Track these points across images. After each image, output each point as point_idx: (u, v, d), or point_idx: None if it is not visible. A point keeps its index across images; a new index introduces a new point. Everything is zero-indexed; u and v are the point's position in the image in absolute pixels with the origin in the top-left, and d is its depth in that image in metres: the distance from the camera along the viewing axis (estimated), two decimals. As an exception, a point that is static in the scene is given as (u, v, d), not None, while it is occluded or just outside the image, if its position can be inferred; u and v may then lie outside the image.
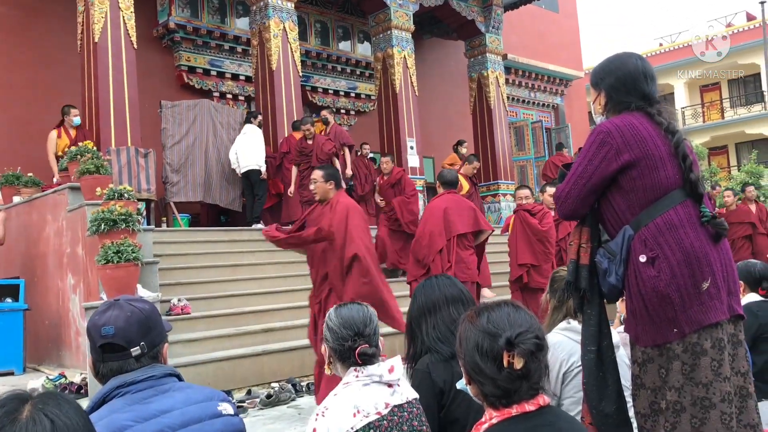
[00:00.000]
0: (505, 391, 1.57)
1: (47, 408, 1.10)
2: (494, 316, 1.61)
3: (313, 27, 14.00)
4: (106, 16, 8.87)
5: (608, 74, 2.50)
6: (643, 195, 2.31)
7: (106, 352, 1.88)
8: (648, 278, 2.24)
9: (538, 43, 18.77)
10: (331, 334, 2.22)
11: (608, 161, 2.33)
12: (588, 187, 2.37)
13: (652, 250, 2.26)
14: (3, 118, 10.29)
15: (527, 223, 7.15)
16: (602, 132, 2.35)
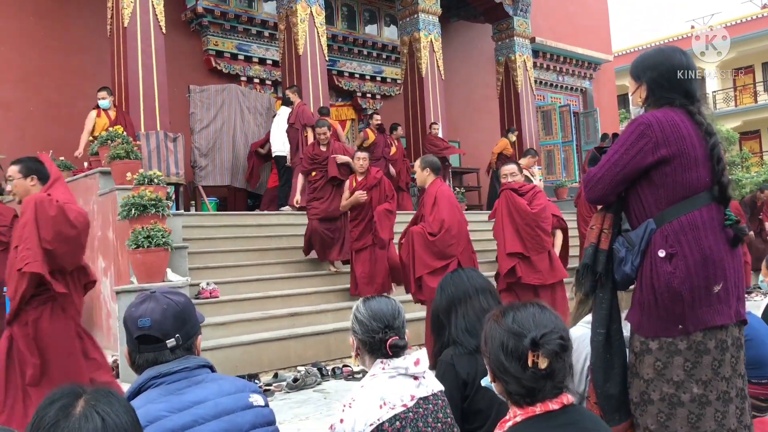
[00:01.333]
0: (529, 390, 1.61)
1: (99, 405, 1.16)
2: (520, 316, 1.65)
3: (340, 11, 13.98)
4: (135, 2, 8.95)
5: (651, 68, 2.48)
6: (673, 192, 2.34)
7: (142, 343, 1.95)
8: (664, 273, 2.29)
9: (566, 25, 18.53)
10: (360, 326, 2.26)
11: (645, 153, 2.34)
12: (621, 176, 2.39)
13: (672, 247, 2.30)
14: (35, 102, 10.47)
15: (514, 204, 6.04)
16: (643, 123, 2.36)
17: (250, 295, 7.01)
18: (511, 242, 5.97)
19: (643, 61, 2.53)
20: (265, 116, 10.79)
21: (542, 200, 6.16)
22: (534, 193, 6.17)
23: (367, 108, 14.67)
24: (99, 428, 1.13)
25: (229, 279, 7.18)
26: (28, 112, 10.44)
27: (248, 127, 10.48)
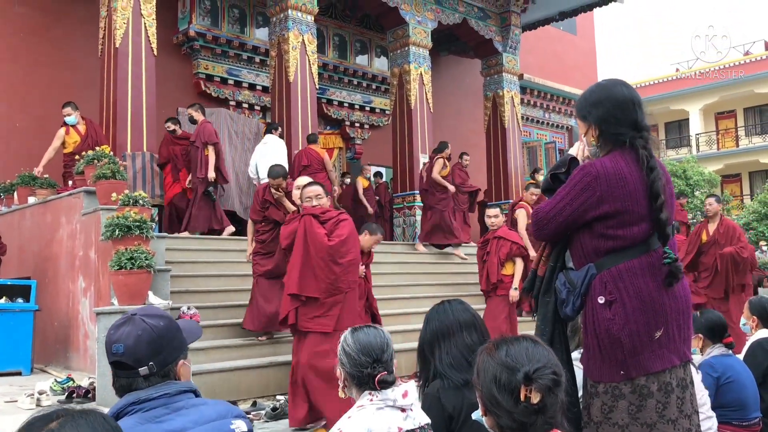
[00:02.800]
0: (520, 425, 1.59)
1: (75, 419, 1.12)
2: (513, 350, 1.63)
3: (332, 40, 14.09)
4: (128, 22, 8.97)
5: (595, 106, 2.46)
6: (613, 243, 2.36)
7: (116, 368, 1.89)
8: (603, 320, 2.31)
9: (554, 63, 18.82)
10: (348, 359, 2.22)
11: (587, 207, 2.36)
12: (564, 225, 2.43)
13: (610, 294, 2.32)
14: (21, 118, 10.40)
15: (311, 233, 5.17)
16: (589, 174, 2.36)
17: (230, 321, 6.92)
18: (303, 281, 5.11)
19: (587, 99, 2.50)
20: (252, 141, 10.78)
21: (345, 230, 5.24)
22: (337, 221, 5.29)
23: (355, 137, 14.73)
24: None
25: (210, 304, 7.10)
26: (14, 129, 10.37)
27: (236, 151, 10.47)
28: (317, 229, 5.19)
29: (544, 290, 2.54)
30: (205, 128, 8.97)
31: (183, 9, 12.10)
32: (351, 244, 5.26)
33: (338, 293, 5.13)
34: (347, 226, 5.30)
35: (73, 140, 8.88)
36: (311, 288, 5.09)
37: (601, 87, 2.51)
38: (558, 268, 2.53)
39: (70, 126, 8.91)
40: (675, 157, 27.57)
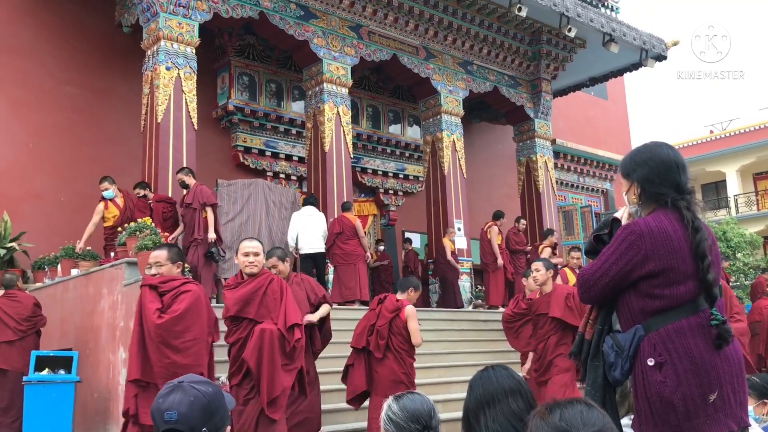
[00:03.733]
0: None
1: None
2: (567, 414, 1.59)
3: (365, 111, 14.40)
4: (169, 99, 9.32)
5: (640, 165, 2.48)
6: (660, 302, 2.32)
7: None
8: (654, 383, 2.25)
9: (587, 128, 18.91)
10: (396, 428, 2.18)
11: (632, 266, 2.34)
12: (610, 286, 2.41)
13: (660, 356, 2.27)
14: (67, 193, 10.73)
15: (143, 308, 4.60)
16: (634, 233, 2.35)
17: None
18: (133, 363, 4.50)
19: (632, 159, 2.53)
20: (290, 210, 10.94)
21: (183, 304, 4.47)
22: (177, 293, 4.54)
23: (389, 204, 14.84)
24: None
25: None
26: (59, 203, 10.69)
27: (273, 220, 10.62)
28: (149, 303, 4.55)
29: (592, 354, 2.49)
30: (202, 190, 8.70)
31: (222, 85, 12.53)
32: (191, 320, 4.47)
33: None
34: (188, 299, 4.50)
35: (112, 214, 9.11)
36: (148, 372, 4.43)
37: (647, 147, 2.54)
38: (605, 331, 2.49)
39: (109, 200, 9.16)
40: (714, 219, 27.13)
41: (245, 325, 5.09)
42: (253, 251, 5.14)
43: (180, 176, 8.95)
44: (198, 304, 4.74)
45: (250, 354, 4.87)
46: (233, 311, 5.09)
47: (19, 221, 9.99)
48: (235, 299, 5.09)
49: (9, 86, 10.67)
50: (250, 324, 5.05)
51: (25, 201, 10.47)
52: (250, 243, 5.23)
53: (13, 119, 10.64)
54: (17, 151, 10.58)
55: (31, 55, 10.91)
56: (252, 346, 4.89)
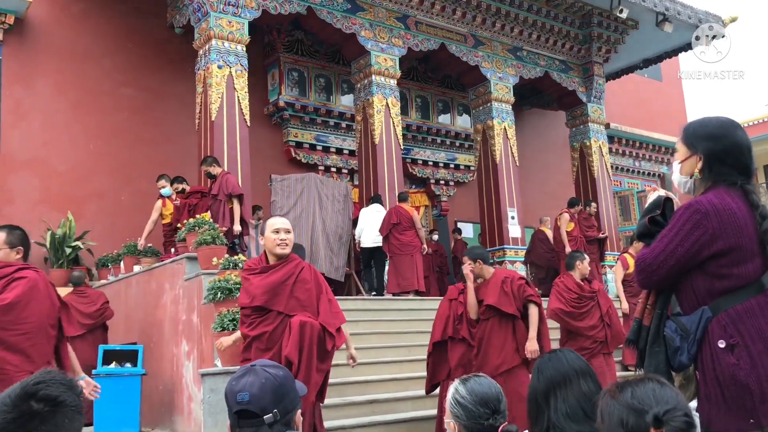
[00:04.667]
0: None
1: None
2: (639, 392, 1.57)
3: (414, 101, 14.38)
4: (222, 97, 9.48)
5: (711, 140, 2.37)
6: (728, 282, 2.24)
7: (241, 418, 1.93)
8: (727, 365, 2.17)
9: (641, 111, 18.47)
10: (465, 411, 2.16)
11: (700, 247, 2.25)
12: (675, 269, 2.31)
13: (732, 337, 2.18)
14: (127, 192, 11.04)
15: None
16: (699, 212, 2.26)
17: (328, 380, 6.94)
18: None
19: (703, 129, 2.41)
20: (342, 203, 11.02)
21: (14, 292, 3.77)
22: (10, 279, 3.84)
23: (440, 194, 14.80)
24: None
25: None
26: (120, 202, 11.00)
27: (326, 213, 10.71)
28: None
29: (651, 341, 2.39)
30: (228, 180, 8.43)
31: (273, 81, 12.68)
32: (22, 311, 3.75)
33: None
34: (21, 287, 3.79)
35: (169, 211, 9.35)
36: None
37: (721, 124, 2.42)
38: (665, 315, 2.42)
39: (166, 197, 9.39)
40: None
41: (273, 317, 4.42)
42: (284, 228, 4.53)
43: (204, 168, 8.72)
44: (34, 293, 3.84)
45: (291, 350, 4.23)
46: (261, 301, 4.39)
47: (82, 221, 10.33)
48: (264, 287, 4.40)
49: (69, 90, 11.02)
50: (280, 316, 4.40)
51: (87, 201, 10.82)
52: (280, 219, 4.65)
53: (74, 122, 10.99)
54: (79, 152, 10.93)
55: (89, 59, 11.25)
56: (293, 341, 4.26)
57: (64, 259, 9.77)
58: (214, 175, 8.56)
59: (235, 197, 8.36)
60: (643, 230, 2.51)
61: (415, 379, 7.31)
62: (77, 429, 1.68)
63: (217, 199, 8.40)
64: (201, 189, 9.01)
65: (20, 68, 10.68)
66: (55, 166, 10.73)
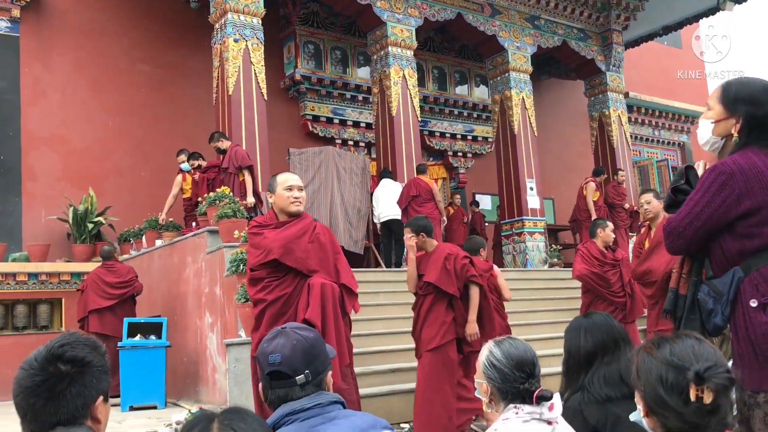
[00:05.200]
0: (692, 426, 1.51)
1: (234, 423, 1.17)
2: (678, 348, 1.56)
3: (431, 73, 14.27)
4: (239, 71, 9.46)
5: (754, 104, 2.32)
6: (758, 241, 2.23)
7: (273, 379, 1.97)
8: (759, 324, 2.17)
9: (661, 80, 18.21)
10: (500, 374, 2.16)
11: (727, 207, 2.23)
12: (703, 230, 2.30)
13: (764, 296, 2.18)
14: (146, 168, 11.12)
15: None
16: (725, 173, 2.24)
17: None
18: None
19: (745, 91, 2.35)
20: (360, 176, 11.03)
21: None
22: None
23: (458, 167, 14.75)
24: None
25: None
26: (139, 178, 11.08)
27: (344, 186, 10.73)
28: None
29: (689, 309, 2.39)
30: (237, 152, 8.33)
31: (288, 54, 12.64)
32: None
33: None
34: None
35: (189, 186, 9.42)
36: None
37: (765, 87, 2.36)
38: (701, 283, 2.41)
39: (186, 172, 9.45)
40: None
41: (290, 279, 4.10)
42: (297, 185, 4.22)
43: (213, 145, 8.71)
44: None
45: (314, 312, 3.93)
46: (277, 254, 4.03)
47: (103, 197, 10.43)
48: (281, 240, 4.06)
49: (87, 67, 11.06)
50: (297, 277, 4.09)
51: (107, 177, 10.91)
52: (293, 176, 4.35)
53: (92, 99, 11.04)
54: (97, 129, 11.00)
55: (105, 36, 11.27)
56: (314, 303, 3.96)
57: (86, 235, 9.89)
58: (224, 150, 8.57)
59: (245, 169, 8.31)
60: (669, 201, 2.52)
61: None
62: (104, 389, 1.72)
63: (228, 173, 8.39)
64: (217, 163, 9.01)
65: (38, 46, 10.72)
66: (74, 144, 10.81)
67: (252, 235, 4.23)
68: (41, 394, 1.60)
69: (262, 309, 4.13)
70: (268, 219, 4.28)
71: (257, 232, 4.19)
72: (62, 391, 1.61)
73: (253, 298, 4.20)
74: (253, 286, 4.19)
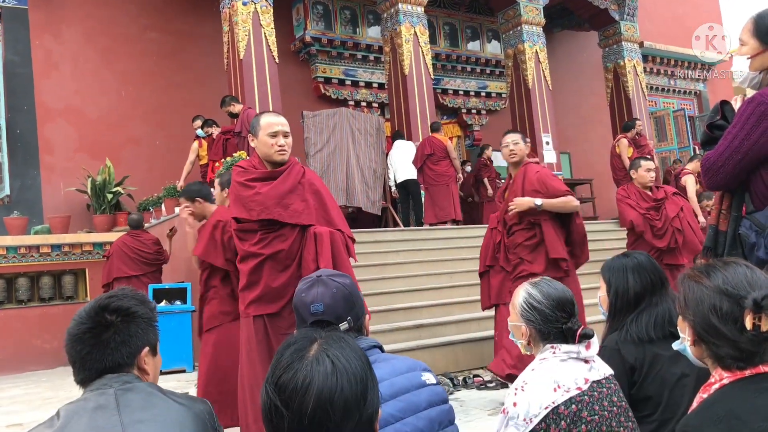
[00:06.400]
0: (747, 354, 1.50)
1: (330, 350, 1.18)
2: (731, 276, 1.54)
3: (442, 29, 14.09)
4: (249, 34, 9.37)
5: None
6: None
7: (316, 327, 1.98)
8: None
9: (675, 28, 17.85)
10: (540, 315, 2.14)
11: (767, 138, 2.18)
12: (744, 163, 2.25)
13: None
14: (162, 136, 11.12)
15: None
16: (764, 103, 2.19)
17: (373, 308, 7.05)
18: None
19: None
20: (374, 136, 10.96)
21: None
22: None
23: (472, 124, 14.64)
24: (329, 372, 1.14)
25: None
26: (155, 146, 11.10)
27: (359, 147, 10.68)
28: None
29: (729, 245, 2.35)
30: (249, 114, 7.90)
31: (297, 16, 12.50)
32: None
33: None
34: None
35: (206, 152, 9.43)
36: None
37: None
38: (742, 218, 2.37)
39: (202, 138, 9.45)
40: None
41: (288, 231, 3.59)
42: (283, 130, 3.65)
43: (225, 109, 8.55)
44: None
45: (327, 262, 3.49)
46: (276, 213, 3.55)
47: (120, 167, 10.47)
48: (276, 197, 3.57)
49: (97, 36, 11.01)
50: (296, 228, 3.59)
51: (123, 147, 10.94)
52: (278, 118, 3.72)
53: (104, 68, 11.01)
54: (111, 99, 10.99)
55: (114, 5, 11.19)
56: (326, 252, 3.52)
57: (106, 205, 9.96)
58: (236, 114, 8.49)
59: None
60: (705, 138, 2.46)
61: (458, 304, 7.41)
62: (151, 340, 1.75)
63: (242, 136, 8.25)
64: (232, 128, 8.99)
65: (47, 18, 10.67)
66: (89, 114, 10.82)
67: (242, 186, 3.66)
68: (87, 341, 1.65)
69: (258, 263, 3.59)
70: (256, 165, 3.75)
71: (248, 185, 3.66)
72: (107, 339, 1.65)
73: (245, 251, 3.63)
74: (245, 240, 3.64)
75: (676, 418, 2.29)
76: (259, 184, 3.63)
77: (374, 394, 1.20)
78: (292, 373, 1.15)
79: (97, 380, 1.64)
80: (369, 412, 1.18)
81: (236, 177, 3.70)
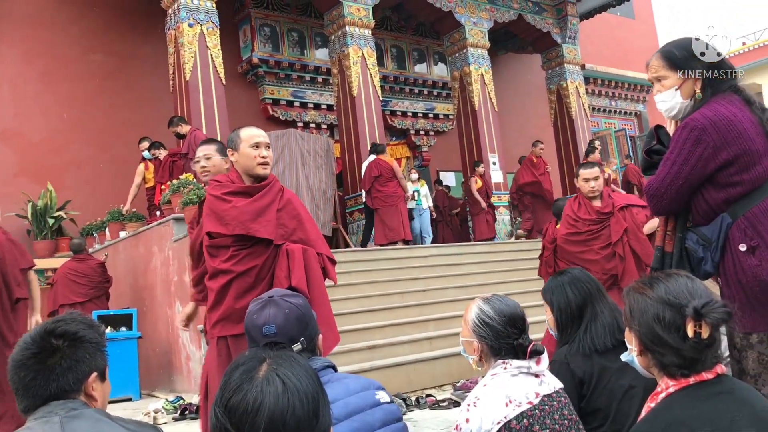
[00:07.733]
0: (690, 361, 1.55)
1: (280, 369, 1.16)
2: (672, 287, 1.59)
3: (390, 52, 14.23)
4: (195, 56, 9.30)
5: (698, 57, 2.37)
6: (741, 188, 2.26)
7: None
8: (749, 267, 2.21)
9: (615, 50, 18.46)
10: (492, 331, 2.15)
11: (705, 161, 2.26)
12: (685, 188, 2.32)
13: (752, 239, 2.22)
14: (105, 158, 10.89)
15: None
16: (696, 128, 2.26)
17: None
18: None
19: (685, 50, 2.39)
20: (324, 158, 10.96)
21: None
22: None
23: (421, 145, 14.78)
24: (280, 392, 1.12)
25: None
26: (99, 170, 10.86)
27: (309, 169, 10.65)
28: None
29: (676, 265, 2.40)
30: (197, 136, 7.85)
31: (244, 38, 12.46)
32: None
33: None
34: None
35: (152, 174, 9.27)
36: None
37: (687, 39, 2.43)
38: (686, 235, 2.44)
39: (148, 160, 9.30)
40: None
41: (262, 248, 3.43)
42: (265, 141, 3.52)
43: (172, 129, 8.49)
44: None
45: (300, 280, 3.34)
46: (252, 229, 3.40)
47: (62, 191, 10.19)
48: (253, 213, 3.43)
49: (37, 59, 10.75)
50: (270, 246, 3.44)
51: (65, 171, 10.66)
52: (259, 131, 3.60)
53: (45, 91, 10.75)
54: (52, 122, 10.72)
55: (55, 26, 10.96)
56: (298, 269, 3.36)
57: (47, 230, 9.67)
58: (183, 135, 8.43)
59: None
60: (645, 164, 2.52)
61: (410, 324, 7.42)
62: (100, 366, 1.70)
63: (188, 158, 7.97)
64: (179, 151, 8.86)
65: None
66: (29, 137, 10.53)
67: (217, 200, 3.51)
68: (31, 367, 1.59)
69: (227, 281, 3.44)
70: (234, 180, 3.60)
71: (224, 198, 3.51)
72: (53, 364, 1.60)
73: (215, 268, 3.47)
74: (216, 256, 3.48)
75: (624, 429, 2.34)
76: (236, 198, 3.48)
77: (326, 412, 1.19)
78: (242, 395, 1.13)
79: (42, 407, 1.58)
80: (322, 431, 1.17)
81: (212, 191, 3.57)
